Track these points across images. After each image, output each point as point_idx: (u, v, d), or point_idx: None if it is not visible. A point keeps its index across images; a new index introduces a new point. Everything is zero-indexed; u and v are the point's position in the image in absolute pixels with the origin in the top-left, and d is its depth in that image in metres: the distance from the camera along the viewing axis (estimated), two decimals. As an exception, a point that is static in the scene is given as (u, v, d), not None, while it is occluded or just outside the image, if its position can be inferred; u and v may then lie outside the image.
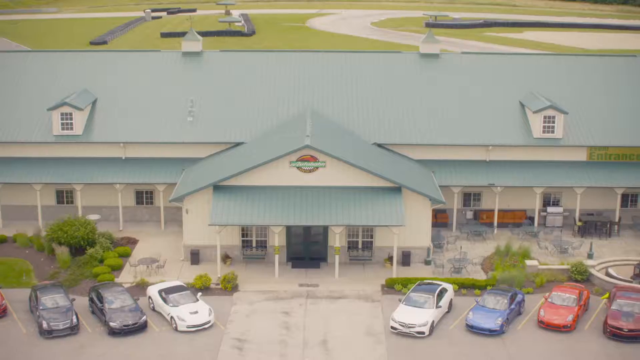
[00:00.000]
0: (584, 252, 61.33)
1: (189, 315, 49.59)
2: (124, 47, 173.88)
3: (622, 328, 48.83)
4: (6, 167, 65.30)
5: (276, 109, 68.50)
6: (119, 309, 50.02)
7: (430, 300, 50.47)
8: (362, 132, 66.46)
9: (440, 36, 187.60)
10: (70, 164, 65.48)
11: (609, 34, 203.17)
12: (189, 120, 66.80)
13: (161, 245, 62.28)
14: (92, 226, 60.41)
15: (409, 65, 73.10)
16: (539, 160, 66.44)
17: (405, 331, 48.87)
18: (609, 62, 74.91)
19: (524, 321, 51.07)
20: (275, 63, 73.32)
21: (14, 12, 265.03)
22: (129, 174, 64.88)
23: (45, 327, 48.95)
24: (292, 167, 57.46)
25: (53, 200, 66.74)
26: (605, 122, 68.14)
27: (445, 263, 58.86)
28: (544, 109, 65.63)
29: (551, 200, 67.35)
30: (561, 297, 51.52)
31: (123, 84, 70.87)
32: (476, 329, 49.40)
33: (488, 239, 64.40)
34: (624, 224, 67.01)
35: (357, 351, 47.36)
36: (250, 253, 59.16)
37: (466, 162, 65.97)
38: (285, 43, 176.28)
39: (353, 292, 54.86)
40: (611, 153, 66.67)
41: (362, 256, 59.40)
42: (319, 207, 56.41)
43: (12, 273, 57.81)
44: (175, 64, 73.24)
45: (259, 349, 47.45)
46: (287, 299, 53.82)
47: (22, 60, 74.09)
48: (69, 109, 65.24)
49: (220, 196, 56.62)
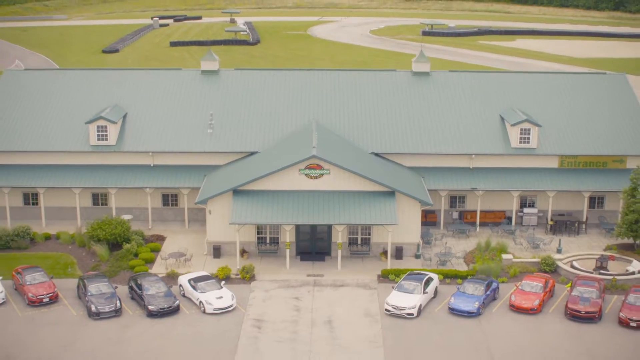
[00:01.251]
0: (554, 248, 70.34)
1: (215, 300, 58.56)
2: (134, 55, 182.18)
3: (580, 311, 57.79)
4: (49, 173, 74.24)
5: (285, 121, 77.32)
6: (155, 294, 58.96)
7: (419, 287, 59.46)
8: (360, 142, 75.34)
9: (435, 44, 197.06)
10: (105, 171, 74.43)
11: (598, 42, 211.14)
12: (209, 132, 75.73)
13: (186, 241, 71.31)
14: (127, 225, 69.41)
15: (402, 83, 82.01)
16: (516, 167, 75.31)
17: (397, 313, 57.84)
18: (579, 79, 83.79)
19: (497, 305, 60.09)
20: (284, 80, 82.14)
21: (25, 19, 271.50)
22: (156, 179, 73.81)
23: (93, 310, 57.88)
24: (301, 174, 66.44)
25: (89, 202, 75.64)
26: (574, 133, 76.92)
27: (433, 257, 67.90)
28: (521, 122, 74.61)
29: (527, 202, 76.21)
30: (530, 285, 60.55)
31: (149, 99, 79.72)
32: (457, 311, 58.39)
33: (471, 236, 73.41)
34: (591, 223, 75.92)
35: (356, 329, 56.33)
36: (264, 248, 68.23)
37: (452, 169, 74.88)
38: (289, 52, 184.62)
39: (353, 281, 63.91)
40: (580, 161, 75.50)
41: (361, 251, 68.48)
42: (324, 209, 65.41)
43: (58, 266, 66.71)
44: (195, 81, 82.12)
45: (275, 327, 56.46)
46: (297, 286, 62.87)
47: (60, 77, 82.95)
48: (104, 122, 74.24)
49: (239, 199, 65.68)
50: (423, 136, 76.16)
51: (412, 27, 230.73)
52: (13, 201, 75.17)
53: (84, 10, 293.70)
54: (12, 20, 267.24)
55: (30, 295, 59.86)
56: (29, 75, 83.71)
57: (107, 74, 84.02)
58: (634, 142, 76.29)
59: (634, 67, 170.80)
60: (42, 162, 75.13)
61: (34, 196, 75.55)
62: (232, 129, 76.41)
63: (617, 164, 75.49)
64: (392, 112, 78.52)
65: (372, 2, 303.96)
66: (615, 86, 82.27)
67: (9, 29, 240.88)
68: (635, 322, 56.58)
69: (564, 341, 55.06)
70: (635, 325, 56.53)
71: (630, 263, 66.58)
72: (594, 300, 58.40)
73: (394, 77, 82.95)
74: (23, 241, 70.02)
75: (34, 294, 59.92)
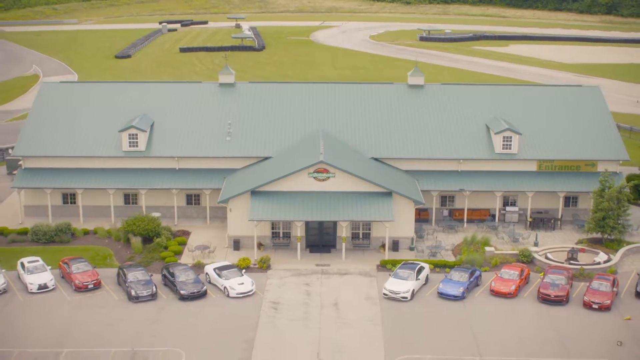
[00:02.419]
0: (532, 241, 79.94)
1: (238, 286, 68.19)
2: (146, 61, 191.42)
3: (550, 295, 67.42)
4: (86, 176, 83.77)
5: (295, 129, 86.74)
6: (185, 281, 68.51)
7: (412, 275, 69.10)
8: (361, 148, 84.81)
9: (432, 50, 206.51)
10: (135, 174, 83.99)
11: (588, 47, 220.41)
12: (227, 139, 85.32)
13: (209, 236, 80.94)
14: (158, 221, 79.06)
15: (399, 95, 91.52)
16: (499, 170, 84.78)
17: (393, 297, 67.45)
18: (557, 91, 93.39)
19: (480, 290, 69.75)
20: (293, 92, 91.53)
21: (35, 22, 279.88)
22: (181, 181, 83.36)
23: (133, 295, 67.46)
24: (310, 177, 76.02)
25: (122, 202, 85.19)
26: (551, 140, 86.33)
27: (425, 249, 77.54)
28: (504, 131, 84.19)
29: (509, 201, 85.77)
30: (508, 273, 70.21)
31: (174, 110, 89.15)
32: (444, 296, 68.05)
33: (459, 231, 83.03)
34: (565, 220, 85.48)
35: (358, 310, 65.95)
36: (278, 241, 77.88)
37: (442, 172, 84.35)
38: (293, 58, 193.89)
39: (356, 269, 73.57)
40: (556, 165, 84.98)
41: (362, 244, 78.10)
42: (330, 207, 75.00)
43: (98, 257, 76.24)
44: (214, 93, 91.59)
45: (289, 308, 66.11)
46: (307, 274, 72.57)
47: (93, 90, 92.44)
48: (135, 130, 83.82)
49: (257, 199, 75.33)
50: (417, 143, 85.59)
51: (410, 33, 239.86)
52: (53, 200, 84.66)
53: (92, 14, 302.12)
54: (24, 24, 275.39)
55: (77, 282, 69.41)
56: (64, 88, 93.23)
57: (135, 87, 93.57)
58: (605, 148, 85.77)
59: (620, 73, 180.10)
60: (80, 166, 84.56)
61: (72, 196, 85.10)
62: (248, 136, 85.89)
63: (589, 167, 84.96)
64: (390, 121, 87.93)
65: (372, 7, 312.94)
66: (589, 98, 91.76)
67: (22, 33, 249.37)
68: (596, 304, 66.18)
69: (535, 320, 64.59)
70: (597, 307, 66.10)
71: (597, 255, 76.20)
72: (563, 286, 68.03)
73: (392, 89, 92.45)
74: (65, 236, 79.61)
75: (80, 281, 69.46)
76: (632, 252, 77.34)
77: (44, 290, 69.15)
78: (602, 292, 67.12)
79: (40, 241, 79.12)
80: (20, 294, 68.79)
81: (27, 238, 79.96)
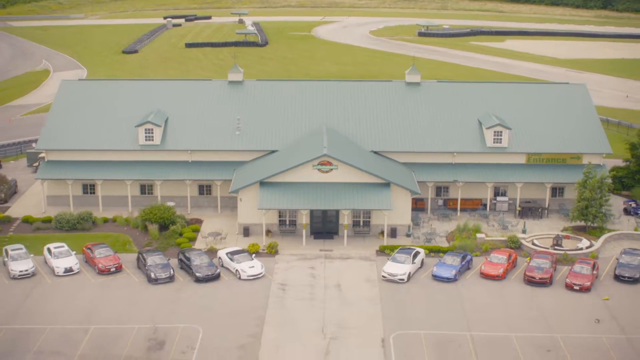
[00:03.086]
0: (520, 229, 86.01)
1: (248, 269, 74.26)
2: (153, 56, 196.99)
3: (535, 277, 73.49)
4: (105, 168, 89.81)
5: (300, 124, 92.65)
6: (200, 264, 74.50)
7: (408, 259, 75.16)
8: (362, 142, 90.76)
9: (430, 45, 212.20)
10: (151, 166, 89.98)
11: (582, 42, 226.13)
12: (237, 133, 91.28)
13: (220, 223, 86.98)
14: (173, 210, 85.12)
15: (397, 92, 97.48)
16: (490, 163, 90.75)
17: (391, 279, 73.54)
18: (545, 88, 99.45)
19: (471, 273, 75.85)
20: (298, 89, 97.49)
21: (41, 17, 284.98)
22: (194, 172, 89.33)
23: (152, 277, 73.49)
24: (314, 169, 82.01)
25: (138, 192, 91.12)
26: (539, 135, 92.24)
27: (421, 235, 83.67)
28: (494, 126, 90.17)
29: (499, 191, 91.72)
30: (497, 257, 76.27)
31: (186, 106, 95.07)
32: (438, 278, 74.14)
33: (452, 219, 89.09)
34: (552, 209, 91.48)
35: (359, 291, 72.03)
36: (285, 228, 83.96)
37: (437, 164, 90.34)
38: (295, 53, 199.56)
39: (357, 254, 79.66)
40: (543, 158, 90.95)
41: (362, 231, 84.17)
42: (333, 197, 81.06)
43: (118, 243, 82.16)
44: (223, 90, 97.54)
45: (295, 289, 72.20)
46: (312, 259, 78.66)
47: (110, 87, 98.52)
48: (150, 125, 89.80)
49: (265, 189, 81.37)
50: (414, 137, 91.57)
51: (409, 28, 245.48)
52: (74, 191, 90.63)
53: (97, 8, 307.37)
54: (30, 19, 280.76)
55: (100, 265, 75.46)
56: (82, 85, 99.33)
57: (150, 84, 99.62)
58: (589, 142, 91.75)
59: (612, 68, 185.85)
60: (99, 158, 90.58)
61: (92, 187, 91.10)
62: (256, 130, 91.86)
63: (574, 160, 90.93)
64: (389, 117, 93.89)
65: (371, 1, 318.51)
66: (576, 95, 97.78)
67: (29, 28, 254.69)
68: (577, 286, 72.27)
69: (521, 300, 70.64)
70: (578, 289, 72.18)
71: (580, 241, 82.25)
72: (547, 269, 74.11)
73: (390, 87, 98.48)
74: (87, 223, 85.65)
75: (103, 264, 75.51)
76: (613, 239, 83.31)
77: (70, 274, 75.09)
78: (583, 274, 73.16)
79: (63, 228, 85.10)
80: (47, 277, 74.76)
81: (51, 226, 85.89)
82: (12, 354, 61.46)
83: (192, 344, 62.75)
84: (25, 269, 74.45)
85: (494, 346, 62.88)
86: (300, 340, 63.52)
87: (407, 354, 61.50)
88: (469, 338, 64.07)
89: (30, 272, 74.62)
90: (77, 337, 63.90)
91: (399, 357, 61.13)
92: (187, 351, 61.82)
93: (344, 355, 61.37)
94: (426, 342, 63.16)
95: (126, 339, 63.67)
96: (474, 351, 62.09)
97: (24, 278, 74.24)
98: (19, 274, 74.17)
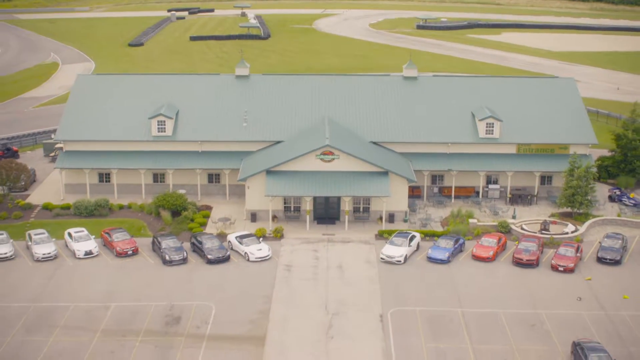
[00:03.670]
0: (510, 215, 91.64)
1: (256, 251, 79.87)
2: (159, 49, 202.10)
3: (522, 259, 79.03)
4: (120, 157, 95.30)
5: (303, 116, 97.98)
6: (211, 247, 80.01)
7: (405, 242, 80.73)
8: (362, 133, 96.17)
9: (429, 38, 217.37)
10: (163, 155, 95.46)
11: (577, 35, 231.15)
12: (244, 125, 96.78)
13: (228, 209, 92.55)
14: (184, 197, 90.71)
15: (395, 85, 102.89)
16: (483, 152, 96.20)
17: (389, 260, 79.15)
18: (535, 82, 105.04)
19: (463, 255, 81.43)
20: (302, 83, 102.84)
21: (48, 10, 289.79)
22: (203, 162, 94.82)
23: (167, 259, 79.07)
24: (317, 158, 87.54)
25: (151, 180, 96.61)
26: (529, 126, 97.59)
27: (417, 221, 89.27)
28: (487, 118, 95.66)
29: (491, 180, 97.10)
30: (487, 241, 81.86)
31: (196, 99, 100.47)
32: (433, 260, 79.73)
33: (447, 206, 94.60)
34: (541, 196, 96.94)
35: (359, 271, 77.63)
36: (290, 214, 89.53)
37: (433, 154, 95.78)
38: (297, 46, 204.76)
39: (357, 238, 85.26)
40: (533, 148, 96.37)
41: (362, 216, 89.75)
42: (335, 184, 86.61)
43: (133, 228, 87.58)
44: (231, 84, 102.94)
45: (300, 270, 77.81)
46: (315, 242, 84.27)
47: (124, 81, 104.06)
48: (162, 117, 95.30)
49: (271, 177, 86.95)
50: (411, 128, 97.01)
51: (408, 20, 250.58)
52: (91, 179, 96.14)
53: (102, 0, 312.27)
54: (36, 11, 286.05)
55: (118, 249, 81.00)
56: (97, 79, 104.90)
57: (161, 78, 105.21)
58: (576, 133, 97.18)
59: (604, 60, 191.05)
60: (114, 149, 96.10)
61: (107, 175, 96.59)
62: (261, 122, 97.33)
63: (562, 150, 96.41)
64: (387, 109, 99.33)
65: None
66: (564, 88, 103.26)
67: (36, 21, 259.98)
68: (562, 267, 77.83)
69: (509, 280, 76.19)
70: (562, 270, 77.73)
71: (566, 226, 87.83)
72: (534, 252, 79.66)
73: (389, 81, 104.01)
74: (104, 210, 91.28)
75: (120, 247, 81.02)
76: (597, 224, 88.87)
77: (90, 256, 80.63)
78: (567, 257, 78.72)
79: (81, 215, 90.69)
80: (69, 259, 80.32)
81: (69, 212, 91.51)
82: (41, 328, 67.00)
83: (206, 319, 68.34)
84: (48, 252, 79.93)
85: (482, 321, 68.43)
86: (305, 316, 69.10)
87: (403, 329, 67.07)
88: (460, 314, 69.63)
89: (52, 255, 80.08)
90: (99, 314, 69.37)
91: (395, 331, 66.69)
92: (201, 326, 67.39)
93: (345, 329, 66.95)
94: (420, 318, 68.74)
95: (145, 315, 69.16)
96: (465, 325, 67.67)
97: (47, 260, 79.69)
98: (42, 257, 79.69)
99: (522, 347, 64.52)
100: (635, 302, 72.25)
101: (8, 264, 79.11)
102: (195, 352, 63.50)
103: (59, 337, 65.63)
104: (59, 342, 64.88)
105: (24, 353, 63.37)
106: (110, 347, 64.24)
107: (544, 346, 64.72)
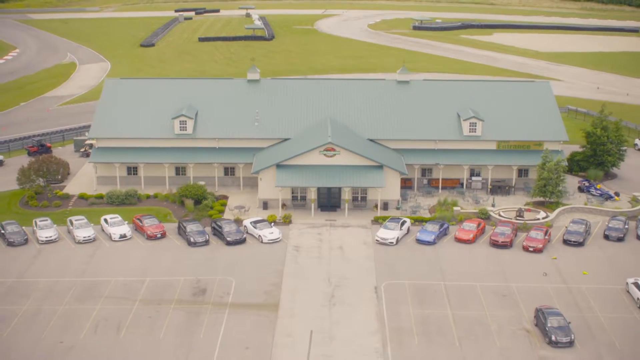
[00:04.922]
0: (490, 203, 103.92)
1: (269, 234, 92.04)
2: (170, 50, 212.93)
3: (498, 241, 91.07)
4: (146, 153, 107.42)
5: (308, 116, 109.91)
6: (230, 231, 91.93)
7: (397, 226, 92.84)
8: (360, 131, 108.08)
9: (424, 39, 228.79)
10: (185, 151, 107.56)
11: (565, 35, 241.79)
12: (255, 124, 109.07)
13: (243, 199, 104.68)
14: (204, 188, 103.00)
15: (389, 89, 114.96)
16: (467, 148, 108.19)
17: (383, 242, 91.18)
18: (514, 85, 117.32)
19: (447, 238, 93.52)
20: (307, 87, 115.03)
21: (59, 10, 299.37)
22: (220, 156, 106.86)
23: (192, 241, 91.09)
24: (321, 154, 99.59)
25: (174, 173, 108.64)
26: (508, 125, 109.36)
27: (408, 208, 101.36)
28: (470, 118, 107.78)
29: (474, 172, 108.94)
30: (468, 225, 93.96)
31: (213, 101, 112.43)
32: (421, 242, 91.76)
33: (435, 195, 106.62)
34: (518, 187, 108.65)
35: (358, 251, 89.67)
36: (296, 203, 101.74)
37: (422, 150, 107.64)
38: (299, 47, 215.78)
39: (356, 223, 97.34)
40: (511, 144, 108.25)
41: (360, 204, 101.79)
42: (336, 176, 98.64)
43: (159, 215, 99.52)
44: (243, 87, 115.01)
45: (307, 250, 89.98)
46: (319, 227, 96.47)
47: (148, 85, 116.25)
48: (184, 117, 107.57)
49: (281, 170, 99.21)
50: (403, 127, 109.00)
51: (405, 21, 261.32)
52: (120, 172, 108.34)
53: (110, 0, 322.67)
54: (48, 11, 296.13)
55: (148, 232, 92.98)
56: (124, 83, 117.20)
57: (181, 82, 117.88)
58: (550, 132, 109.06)
59: (588, 61, 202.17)
60: (141, 145, 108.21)
61: (135, 169, 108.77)
62: (271, 122, 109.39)
63: (537, 146, 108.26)
64: (382, 110, 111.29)
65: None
66: (540, 91, 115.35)
67: (49, 21, 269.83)
68: (532, 248, 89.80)
69: (486, 259, 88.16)
70: (532, 250, 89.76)
71: (538, 213, 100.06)
72: (508, 235, 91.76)
73: (384, 84, 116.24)
74: (133, 199, 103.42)
75: (151, 231, 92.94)
76: (566, 212, 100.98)
77: (124, 239, 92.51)
78: (537, 239, 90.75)
79: (114, 203, 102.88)
80: (105, 242, 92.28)
81: (103, 201, 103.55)
82: (89, 299, 78.93)
83: (228, 291, 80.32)
84: (88, 235, 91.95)
85: (462, 292, 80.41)
86: (311, 288, 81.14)
87: (394, 298, 79.16)
88: (442, 286, 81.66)
89: (92, 237, 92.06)
90: (136, 287, 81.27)
91: (388, 300, 78.76)
92: (224, 296, 79.46)
93: (345, 299, 79.10)
94: (409, 289, 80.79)
95: (175, 287, 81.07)
96: (446, 295, 79.86)
97: (87, 243, 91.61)
98: (83, 239, 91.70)
99: (494, 313, 76.44)
100: (593, 277, 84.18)
101: (53, 246, 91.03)
102: (220, 317, 75.47)
103: (104, 305, 77.52)
104: (104, 309, 76.77)
105: (77, 318, 75.21)
106: (148, 314, 76.05)
107: (512, 312, 76.61)
